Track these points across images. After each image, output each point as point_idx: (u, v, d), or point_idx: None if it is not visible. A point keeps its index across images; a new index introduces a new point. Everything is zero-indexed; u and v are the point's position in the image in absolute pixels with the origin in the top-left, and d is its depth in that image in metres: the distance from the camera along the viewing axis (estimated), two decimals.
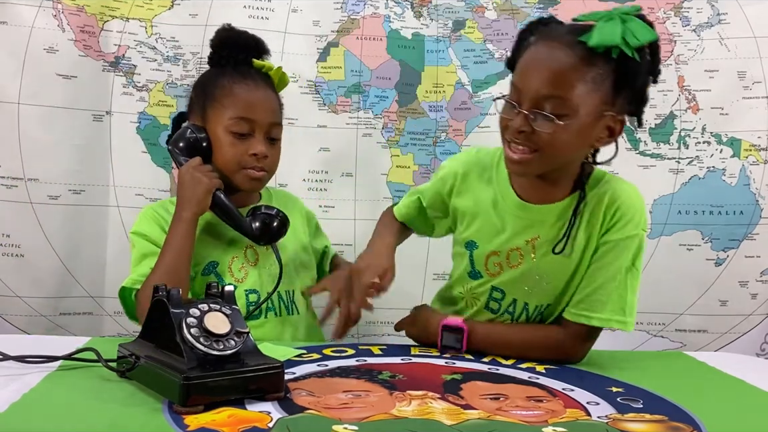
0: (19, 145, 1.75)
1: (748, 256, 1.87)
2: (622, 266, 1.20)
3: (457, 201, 1.33)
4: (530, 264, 1.25)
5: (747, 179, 1.88)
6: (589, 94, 1.11)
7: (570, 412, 0.95)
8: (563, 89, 1.11)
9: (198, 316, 0.94)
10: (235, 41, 1.39)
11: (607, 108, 1.14)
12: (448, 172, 1.35)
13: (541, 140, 1.13)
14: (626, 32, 1.09)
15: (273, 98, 1.39)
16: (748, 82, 1.87)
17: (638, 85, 1.15)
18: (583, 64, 1.11)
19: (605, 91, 1.13)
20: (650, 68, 1.15)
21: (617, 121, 1.17)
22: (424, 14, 1.94)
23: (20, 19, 1.76)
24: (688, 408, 0.98)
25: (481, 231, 1.29)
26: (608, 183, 1.24)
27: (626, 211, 1.20)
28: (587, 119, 1.13)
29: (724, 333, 1.90)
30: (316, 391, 0.97)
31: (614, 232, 1.20)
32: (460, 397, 0.98)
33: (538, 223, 1.24)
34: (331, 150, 1.90)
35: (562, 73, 1.11)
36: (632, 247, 1.20)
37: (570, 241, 1.21)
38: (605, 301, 1.20)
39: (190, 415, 0.85)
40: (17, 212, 1.76)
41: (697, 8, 1.91)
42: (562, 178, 1.23)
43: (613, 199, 1.20)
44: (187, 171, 1.30)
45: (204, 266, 1.34)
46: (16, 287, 1.78)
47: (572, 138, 1.14)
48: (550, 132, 1.12)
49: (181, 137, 1.35)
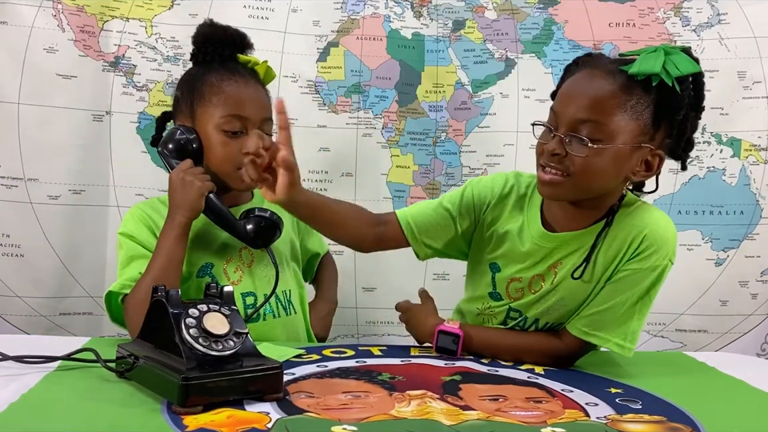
0: (19, 145, 1.75)
1: (748, 256, 1.88)
2: (636, 293, 1.18)
3: (489, 217, 1.30)
4: (550, 287, 1.24)
5: (747, 179, 1.88)
6: (626, 122, 1.11)
7: (569, 413, 0.95)
8: (600, 114, 1.11)
9: (197, 317, 0.94)
10: (219, 37, 1.37)
11: (645, 140, 1.13)
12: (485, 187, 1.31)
13: (573, 164, 1.13)
14: (668, 62, 1.10)
15: (263, 93, 1.36)
16: (748, 82, 1.87)
17: (679, 119, 1.13)
18: (622, 92, 1.11)
19: (644, 122, 1.12)
20: (692, 102, 1.14)
21: (656, 155, 1.15)
22: (424, 14, 1.94)
23: (20, 19, 1.76)
24: (688, 409, 0.98)
25: (506, 256, 1.28)
26: (638, 210, 1.20)
27: (653, 242, 1.16)
28: (623, 148, 1.12)
29: (725, 333, 1.90)
30: (316, 392, 0.97)
31: (638, 261, 1.17)
32: (459, 397, 0.99)
33: (561, 249, 1.23)
34: (331, 150, 1.90)
35: (600, 99, 1.11)
36: (651, 277, 1.17)
37: (590, 266, 1.20)
38: (610, 322, 1.19)
39: (189, 415, 0.86)
40: (17, 212, 1.76)
41: (697, 8, 1.90)
42: (596, 208, 1.21)
43: (640, 229, 1.17)
44: (178, 174, 1.27)
45: (199, 268, 1.33)
46: (16, 287, 1.78)
47: (606, 165, 1.13)
48: (583, 156, 1.11)
49: (171, 139, 1.31)
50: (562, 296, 1.23)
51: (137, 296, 1.19)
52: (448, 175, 1.92)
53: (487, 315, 1.33)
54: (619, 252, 1.18)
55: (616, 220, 1.19)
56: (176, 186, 1.27)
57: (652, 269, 1.17)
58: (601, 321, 1.19)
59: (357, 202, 1.89)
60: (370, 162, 1.91)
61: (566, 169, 1.13)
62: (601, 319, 1.19)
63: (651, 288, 1.19)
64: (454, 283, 1.72)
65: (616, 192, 1.20)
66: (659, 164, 1.16)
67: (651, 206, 1.24)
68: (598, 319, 1.19)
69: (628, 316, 1.19)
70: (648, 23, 1.91)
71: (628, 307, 1.18)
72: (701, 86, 1.15)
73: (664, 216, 1.21)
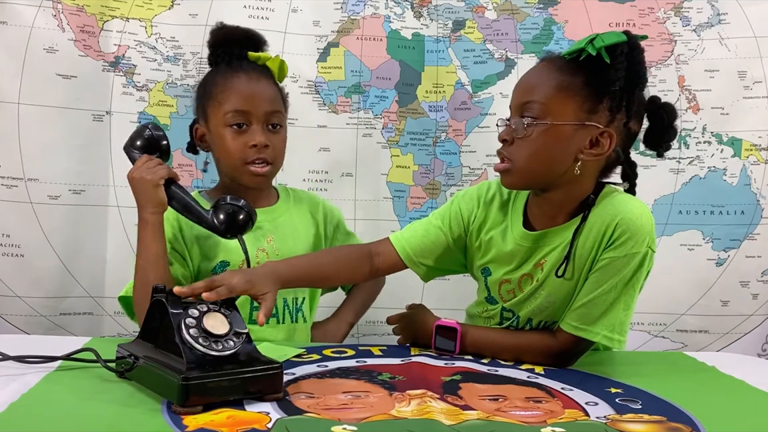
0: (19, 145, 1.76)
1: (749, 256, 1.87)
2: (618, 283, 1.17)
3: (477, 225, 1.32)
4: (537, 285, 1.25)
5: (748, 179, 1.88)
6: (564, 99, 1.16)
7: (569, 413, 0.95)
8: (536, 95, 1.17)
9: (197, 317, 0.94)
10: (228, 37, 1.39)
11: (588, 117, 1.15)
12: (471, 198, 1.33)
13: (518, 149, 1.18)
14: (596, 39, 1.14)
15: (269, 87, 1.37)
16: (748, 82, 1.87)
17: (615, 88, 1.14)
18: (558, 73, 1.17)
19: (582, 98, 1.15)
20: (631, 75, 1.14)
21: (605, 134, 1.16)
22: (424, 14, 1.94)
23: (20, 19, 1.77)
24: (688, 409, 0.98)
25: (494, 260, 1.30)
26: (611, 200, 1.20)
27: (627, 229, 1.16)
28: (564, 127, 1.15)
29: (725, 333, 1.90)
30: (316, 392, 0.97)
31: (613, 250, 1.17)
32: (459, 397, 0.98)
33: (543, 246, 1.24)
34: (331, 150, 1.90)
35: (537, 81, 1.19)
36: (631, 265, 1.17)
37: (571, 263, 1.21)
38: (596, 315, 1.18)
39: (189, 415, 0.86)
40: (17, 212, 1.76)
41: (697, 8, 1.90)
42: (566, 200, 1.22)
43: (613, 217, 1.17)
44: (131, 173, 1.26)
45: (215, 265, 1.33)
46: (16, 287, 1.78)
47: (548, 144, 1.16)
48: (524, 136, 1.16)
49: (138, 136, 1.29)
50: (549, 293, 1.24)
51: (134, 298, 1.25)
52: (448, 175, 1.92)
53: (485, 318, 1.35)
54: (596, 242, 1.18)
55: (592, 213, 1.20)
56: (132, 185, 1.26)
57: (631, 257, 1.16)
58: (588, 314, 1.19)
59: (357, 202, 1.90)
60: (370, 162, 1.91)
61: (511, 155, 1.19)
62: (588, 313, 1.19)
63: (632, 276, 1.18)
64: (454, 283, 1.71)
65: (584, 182, 1.21)
66: (611, 143, 1.16)
67: (625, 195, 1.24)
68: (585, 313, 1.19)
69: (613, 307, 1.18)
70: (648, 23, 1.91)
71: (612, 298, 1.18)
72: (637, 59, 1.15)
73: (638, 203, 1.21)
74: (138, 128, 1.32)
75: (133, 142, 1.30)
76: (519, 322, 1.29)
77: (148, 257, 1.24)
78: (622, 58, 1.14)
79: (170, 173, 1.26)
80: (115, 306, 1.77)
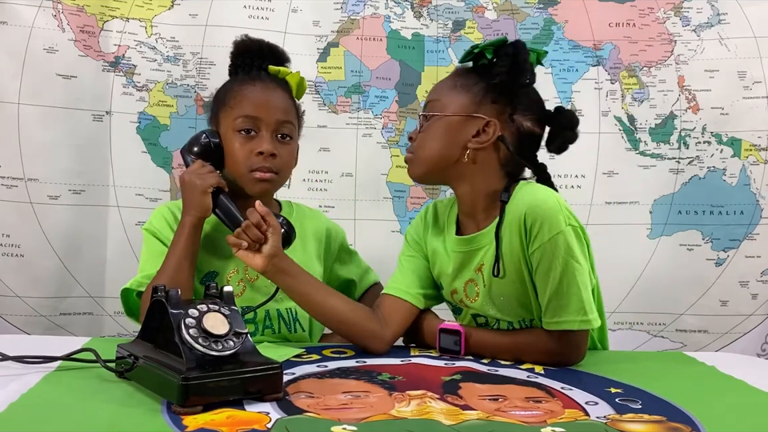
0: (19, 145, 1.76)
1: (748, 256, 1.88)
2: (561, 268, 1.18)
3: (426, 247, 1.36)
4: (486, 289, 1.27)
5: (747, 179, 1.88)
6: (456, 97, 1.27)
7: (569, 413, 0.95)
8: (435, 93, 1.32)
9: (197, 317, 0.94)
10: (249, 48, 1.38)
11: (474, 109, 1.25)
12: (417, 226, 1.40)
13: (419, 141, 1.29)
14: (483, 44, 1.26)
15: (283, 98, 1.36)
16: (748, 82, 1.87)
17: (494, 81, 1.24)
18: (455, 76, 1.32)
19: (473, 95, 1.26)
20: (511, 72, 1.22)
21: (490, 124, 1.24)
22: (424, 14, 1.94)
23: (20, 19, 1.77)
24: (688, 409, 0.98)
25: (441, 273, 1.33)
26: (517, 194, 1.23)
27: (536, 216, 1.18)
28: (454, 118, 1.26)
29: (725, 333, 1.90)
30: (316, 392, 0.97)
31: (535, 240, 1.18)
32: (459, 397, 0.98)
33: (476, 250, 1.27)
34: (331, 150, 1.90)
35: (439, 83, 1.34)
36: (560, 247, 1.17)
37: (502, 261, 1.23)
38: (564, 304, 1.19)
39: (189, 415, 0.85)
40: (17, 212, 1.76)
41: (697, 8, 1.91)
42: (476, 196, 1.27)
43: (520, 211, 1.19)
44: (184, 176, 1.29)
45: (204, 274, 1.33)
46: (16, 287, 1.78)
47: (439, 133, 1.27)
48: (424, 129, 1.28)
49: (195, 142, 1.33)
50: (500, 293, 1.25)
51: (144, 295, 1.24)
52: None
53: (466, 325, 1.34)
54: (518, 237, 1.20)
55: (507, 210, 1.22)
56: (183, 187, 1.30)
57: (554, 240, 1.17)
58: (557, 307, 1.19)
59: (357, 202, 1.90)
60: (370, 162, 1.91)
61: (413, 147, 1.31)
62: (557, 305, 1.19)
63: (570, 257, 1.18)
64: None
65: (487, 176, 1.26)
66: (494, 132, 1.24)
67: (530, 184, 1.27)
68: (554, 307, 1.20)
69: (572, 292, 1.18)
70: (648, 23, 1.91)
71: (566, 284, 1.18)
72: (520, 57, 1.23)
73: (541, 188, 1.24)
74: (195, 134, 1.36)
75: (191, 147, 1.33)
76: (500, 324, 1.29)
77: (175, 257, 1.25)
78: (505, 57, 1.24)
79: (219, 182, 1.29)
80: (114, 306, 1.77)
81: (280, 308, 1.35)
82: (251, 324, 1.32)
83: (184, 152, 1.34)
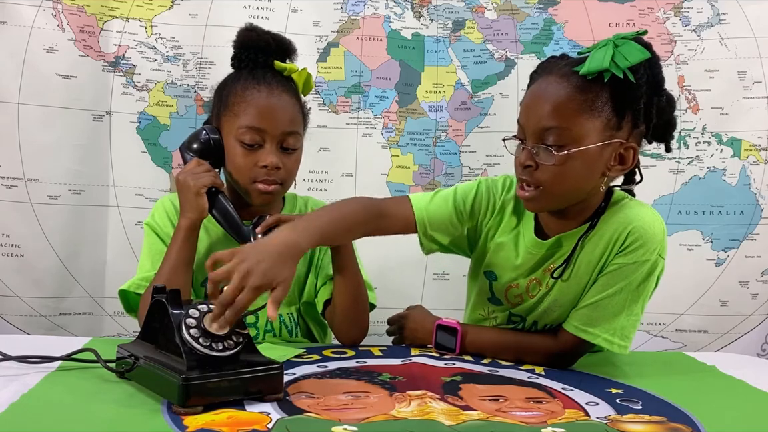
0: (19, 145, 1.76)
1: (748, 256, 1.88)
2: (625, 288, 1.17)
3: (490, 224, 1.29)
4: (545, 290, 1.25)
5: (747, 179, 1.88)
6: (589, 122, 1.12)
7: (569, 413, 0.95)
8: (561, 120, 1.12)
9: (197, 317, 0.94)
10: (255, 42, 1.31)
11: (612, 134, 1.13)
12: (495, 191, 1.30)
13: (545, 174, 1.14)
14: (617, 55, 1.10)
15: (289, 105, 1.30)
16: (748, 82, 1.87)
17: (640, 106, 1.13)
18: (578, 93, 1.12)
19: (606, 117, 1.12)
20: (652, 87, 1.13)
21: (628, 148, 1.15)
22: (424, 14, 1.94)
23: (20, 19, 1.77)
24: (688, 409, 0.98)
25: (502, 265, 1.28)
26: (624, 207, 1.20)
27: (639, 236, 1.15)
28: (591, 148, 1.12)
29: (725, 333, 1.90)
30: (316, 392, 0.97)
31: (624, 255, 1.16)
32: (460, 397, 0.98)
33: (552, 253, 1.24)
34: (331, 150, 1.90)
35: (558, 105, 1.12)
36: (640, 272, 1.16)
37: (573, 267, 1.20)
38: (599, 318, 1.18)
39: (189, 416, 0.85)
40: (17, 212, 1.76)
41: (697, 8, 1.90)
42: (584, 209, 1.21)
43: (626, 224, 1.17)
44: (178, 176, 1.25)
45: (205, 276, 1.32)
46: (16, 287, 1.78)
47: (578, 169, 1.13)
48: (553, 164, 1.12)
49: (195, 139, 1.30)
50: (555, 297, 1.24)
51: (143, 298, 1.22)
52: (448, 175, 1.92)
53: (491, 320, 1.33)
54: (607, 249, 1.18)
55: (602, 220, 1.20)
56: (178, 188, 1.26)
57: (640, 264, 1.16)
58: (591, 317, 1.19)
59: None
60: (370, 162, 1.91)
61: (538, 181, 1.15)
62: (591, 315, 1.19)
63: (640, 284, 1.17)
64: (454, 282, 1.72)
65: (598, 191, 1.19)
66: (634, 155, 1.15)
67: (638, 202, 1.23)
68: (588, 315, 1.19)
69: (617, 312, 1.18)
70: (648, 23, 1.91)
71: (616, 302, 1.18)
72: (657, 70, 1.14)
73: (651, 211, 1.21)
74: (195, 131, 1.32)
75: (190, 144, 1.29)
76: (525, 325, 1.29)
77: (170, 263, 1.22)
78: (643, 72, 1.12)
79: (215, 182, 1.24)
80: (115, 306, 1.77)
81: (281, 313, 1.34)
82: (253, 328, 1.31)
83: (183, 149, 1.30)
